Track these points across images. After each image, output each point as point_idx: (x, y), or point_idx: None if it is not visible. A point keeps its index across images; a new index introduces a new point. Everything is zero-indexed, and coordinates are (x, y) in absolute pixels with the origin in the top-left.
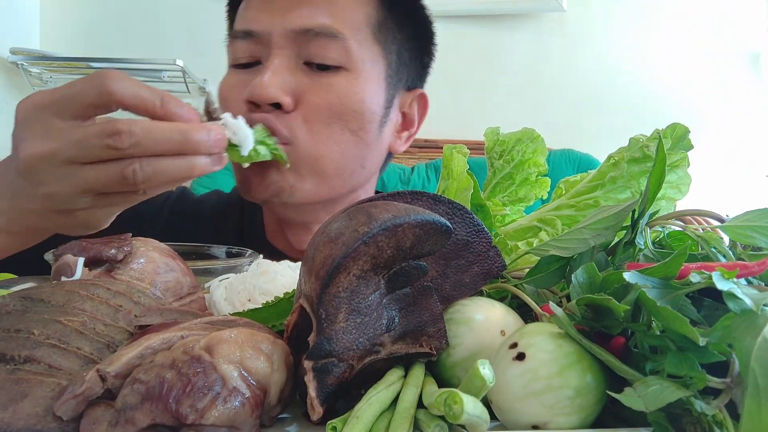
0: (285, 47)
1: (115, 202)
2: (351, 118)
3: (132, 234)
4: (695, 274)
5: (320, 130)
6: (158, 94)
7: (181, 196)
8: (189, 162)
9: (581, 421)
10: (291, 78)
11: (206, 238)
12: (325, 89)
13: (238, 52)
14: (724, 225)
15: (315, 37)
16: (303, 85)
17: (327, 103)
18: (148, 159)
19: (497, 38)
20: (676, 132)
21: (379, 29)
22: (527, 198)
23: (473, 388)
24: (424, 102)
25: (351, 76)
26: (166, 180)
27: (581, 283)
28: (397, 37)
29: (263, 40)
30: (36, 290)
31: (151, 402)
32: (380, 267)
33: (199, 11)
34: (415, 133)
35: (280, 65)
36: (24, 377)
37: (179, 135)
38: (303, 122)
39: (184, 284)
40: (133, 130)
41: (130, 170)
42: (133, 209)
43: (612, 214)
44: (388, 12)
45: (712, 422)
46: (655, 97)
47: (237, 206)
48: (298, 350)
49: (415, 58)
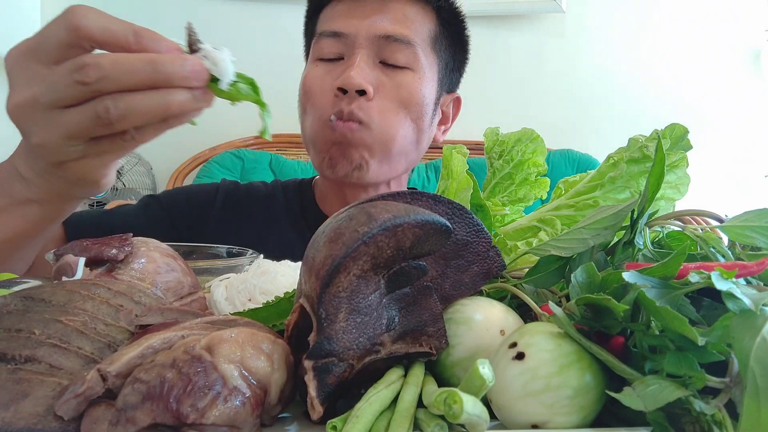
0: (367, 47)
1: (105, 149)
2: (413, 109)
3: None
4: (694, 274)
5: (390, 117)
6: (131, 27)
7: (230, 185)
8: (164, 96)
9: (581, 421)
10: (371, 72)
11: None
12: (397, 85)
13: (325, 48)
14: (723, 225)
15: (393, 42)
16: (380, 80)
17: (398, 95)
18: (120, 94)
19: (497, 39)
20: (675, 132)
21: (435, 41)
22: (527, 198)
23: (473, 388)
24: (458, 103)
25: (416, 76)
26: (143, 117)
27: (580, 283)
28: (447, 49)
29: (349, 40)
30: (37, 290)
31: (152, 401)
32: (380, 267)
33: (200, 12)
34: (450, 128)
35: (363, 61)
36: (25, 377)
37: (149, 65)
38: (378, 110)
39: (184, 284)
40: (99, 62)
41: (102, 107)
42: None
43: (611, 214)
44: (442, 29)
45: (711, 422)
46: (654, 97)
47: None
48: (298, 350)
49: (456, 68)
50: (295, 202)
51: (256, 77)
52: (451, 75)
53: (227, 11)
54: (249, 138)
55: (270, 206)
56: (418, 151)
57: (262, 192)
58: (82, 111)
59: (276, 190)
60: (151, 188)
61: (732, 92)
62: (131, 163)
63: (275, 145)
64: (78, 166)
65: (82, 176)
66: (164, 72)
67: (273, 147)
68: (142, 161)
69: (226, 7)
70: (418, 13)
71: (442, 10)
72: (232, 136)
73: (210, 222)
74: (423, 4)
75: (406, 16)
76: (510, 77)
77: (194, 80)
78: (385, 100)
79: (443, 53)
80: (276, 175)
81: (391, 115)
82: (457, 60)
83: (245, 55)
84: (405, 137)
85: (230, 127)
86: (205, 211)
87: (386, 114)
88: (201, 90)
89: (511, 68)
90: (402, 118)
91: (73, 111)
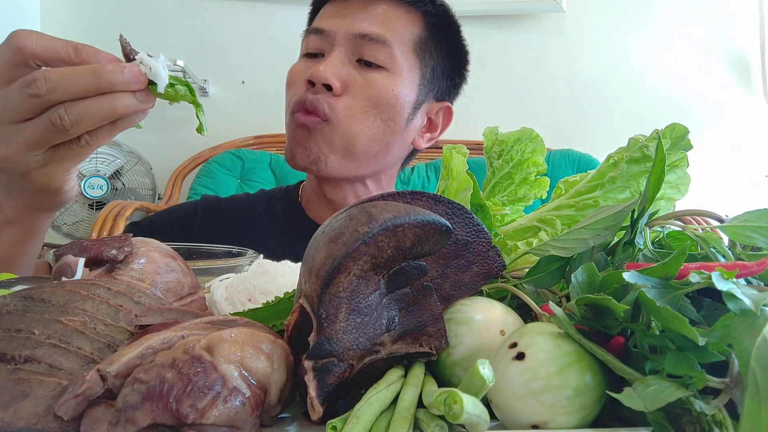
0: (344, 45)
1: (64, 155)
2: (384, 109)
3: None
4: (695, 274)
5: (356, 115)
6: (71, 44)
7: (211, 199)
8: (111, 101)
9: (581, 421)
10: (344, 69)
11: (242, 227)
12: (368, 83)
13: (309, 44)
14: (723, 225)
15: (369, 41)
16: (352, 77)
17: (368, 93)
18: (71, 103)
19: (497, 39)
20: (675, 132)
21: (420, 46)
22: (526, 197)
23: (473, 388)
24: (449, 113)
25: (391, 76)
26: (94, 120)
27: (581, 283)
28: (434, 55)
29: (329, 37)
30: (37, 290)
31: (152, 401)
32: (380, 267)
33: (201, 12)
34: (437, 137)
35: (337, 58)
36: (25, 377)
37: (92, 74)
38: (344, 106)
39: (184, 284)
40: (47, 76)
41: (56, 116)
42: (168, 215)
43: (611, 214)
44: (430, 35)
45: (711, 422)
46: (654, 97)
47: (275, 194)
48: (298, 350)
49: (446, 76)
50: (279, 209)
51: (254, 77)
52: (440, 82)
53: (227, 12)
54: (249, 138)
55: (251, 216)
56: (390, 152)
57: (243, 203)
58: (38, 122)
59: (258, 200)
60: (150, 188)
61: (732, 92)
62: (131, 163)
63: (275, 145)
64: (41, 175)
65: (46, 184)
66: (107, 79)
67: (273, 147)
68: (141, 161)
69: (226, 8)
70: (401, 17)
71: (430, 15)
72: (232, 136)
73: (192, 239)
74: (408, 8)
75: (388, 18)
76: (510, 76)
77: (134, 84)
78: (354, 97)
79: (428, 58)
80: (276, 175)
81: (357, 112)
82: (447, 67)
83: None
84: (371, 137)
85: (230, 127)
86: (186, 228)
87: (352, 111)
88: (142, 92)
89: (511, 68)
90: (370, 117)
91: (31, 123)
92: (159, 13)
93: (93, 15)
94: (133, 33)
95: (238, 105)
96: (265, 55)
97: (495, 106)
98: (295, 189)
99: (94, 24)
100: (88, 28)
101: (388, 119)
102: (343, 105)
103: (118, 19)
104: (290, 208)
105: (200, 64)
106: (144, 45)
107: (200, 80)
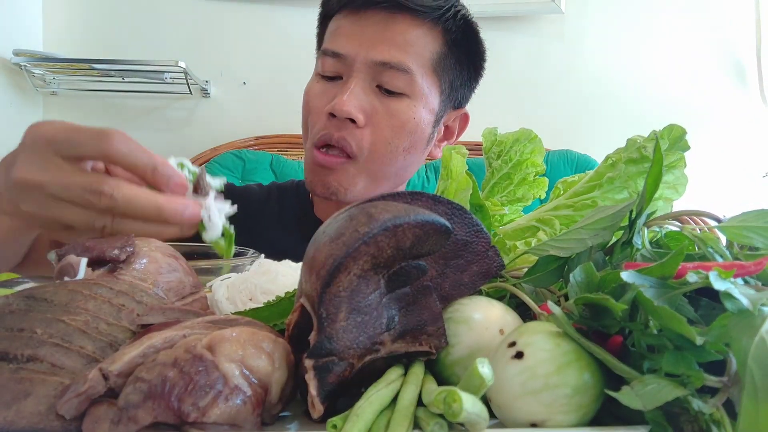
0: (364, 72)
1: (80, 234)
2: (407, 137)
3: None
4: (692, 274)
5: (380, 148)
6: (153, 161)
7: (226, 187)
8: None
9: (579, 420)
10: (365, 98)
11: (251, 221)
12: (390, 113)
13: (326, 67)
14: (721, 225)
15: (389, 69)
16: (374, 106)
17: (390, 123)
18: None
19: (496, 40)
20: (673, 133)
21: (438, 62)
22: (525, 198)
23: (472, 387)
24: (465, 119)
25: (412, 102)
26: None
27: (579, 283)
28: (452, 68)
29: (348, 62)
30: (39, 290)
31: (154, 400)
32: (380, 266)
33: (202, 13)
34: (453, 143)
35: (358, 87)
36: (27, 376)
37: (155, 209)
38: (370, 141)
39: (186, 284)
40: (114, 196)
41: (101, 223)
42: None
43: (609, 214)
44: (450, 49)
45: (709, 421)
46: (652, 98)
47: (287, 189)
48: (298, 349)
49: (464, 84)
50: (290, 205)
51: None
52: (458, 92)
53: (229, 12)
54: (250, 138)
55: (263, 210)
56: (408, 171)
57: (257, 195)
58: (80, 214)
59: (271, 194)
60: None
61: (730, 93)
62: None
63: (276, 145)
64: (50, 230)
65: (48, 229)
66: (165, 217)
67: (274, 148)
68: None
69: (228, 9)
70: (420, 37)
71: (450, 32)
72: (234, 136)
73: None
74: (429, 25)
75: (407, 40)
76: (509, 78)
77: (187, 226)
78: (376, 128)
79: (448, 73)
80: (276, 176)
81: (381, 146)
82: (467, 76)
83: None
84: (394, 165)
85: (231, 128)
86: None
87: (376, 146)
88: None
89: (510, 69)
90: (393, 148)
91: (73, 209)
92: (161, 13)
93: (95, 16)
94: (135, 34)
95: (239, 106)
96: (266, 57)
97: (494, 107)
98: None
99: (96, 25)
100: (90, 30)
101: (410, 147)
102: (368, 140)
103: (120, 21)
104: (302, 205)
105: (202, 65)
106: (146, 46)
107: (202, 81)
